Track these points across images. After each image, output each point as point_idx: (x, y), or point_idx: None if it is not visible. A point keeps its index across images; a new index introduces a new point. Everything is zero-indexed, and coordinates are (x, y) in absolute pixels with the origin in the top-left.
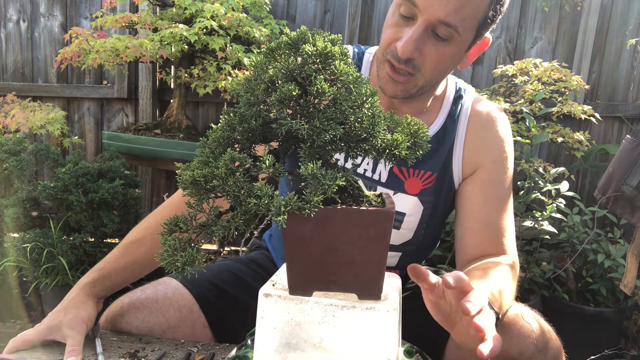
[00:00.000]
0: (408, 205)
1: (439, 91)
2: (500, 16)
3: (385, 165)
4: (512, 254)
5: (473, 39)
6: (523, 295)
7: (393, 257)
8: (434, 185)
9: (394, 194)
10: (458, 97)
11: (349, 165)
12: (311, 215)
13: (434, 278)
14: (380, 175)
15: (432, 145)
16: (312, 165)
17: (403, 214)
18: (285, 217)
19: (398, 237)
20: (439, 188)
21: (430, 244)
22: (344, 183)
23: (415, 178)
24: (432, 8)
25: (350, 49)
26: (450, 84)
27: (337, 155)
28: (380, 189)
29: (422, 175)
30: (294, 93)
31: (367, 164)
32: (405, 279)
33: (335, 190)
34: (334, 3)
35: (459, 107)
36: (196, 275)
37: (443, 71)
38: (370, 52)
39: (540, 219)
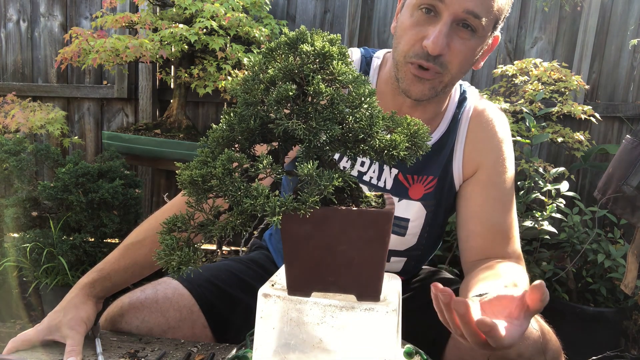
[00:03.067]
0: (412, 211)
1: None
2: (508, 12)
3: (390, 172)
4: (517, 254)
5: (490, 34)
6: None
7: (398, 263)
8: (435, 189)
9: (398, 201)
10: (462, 99)
11: (354, 172)
12: (307, 215)
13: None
14: (385, 182)
15: (436, 150)
16: (308, 166)
17: (407, 220)
18: (280, 217)
19: (403, 242)
20: (440, 191)
21: (433, 246)
22: (340, 183)
23: (419, 184)
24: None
25: (357, 52)
26: (455, 87)
27: (343, 163)
28: (379, 192)
29: (425, 180)
30: (290, 93)
31: (373, 171)
32: (409, 281)
33: (332, 190)
34: (334, 3)
35: (462, 110)
36: (192, 274)
37: (466, 68)
38: (378, 56)
39: (540, 219)
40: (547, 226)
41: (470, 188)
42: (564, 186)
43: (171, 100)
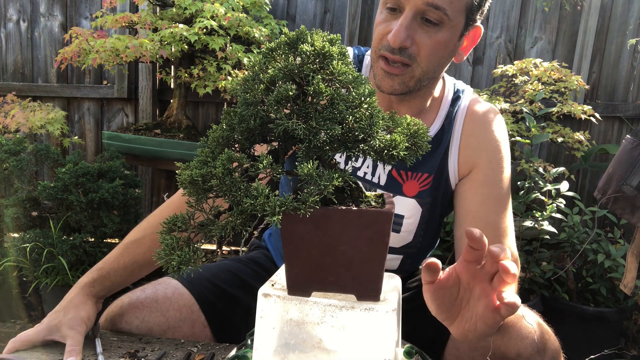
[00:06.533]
0: (406, 208)
1: (437, 93)
2: (489, 1)
3: (384, 168)
4: (512, 254)
5: (464, 25)
6: (523, 295)
7: (394, 260)
8: (430, 186)
9: (392, 197)
10: (456, 98)
11: (349, 168)
12: (307, 215)
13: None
14: (379, 178)
15: (431, 147)
16: (308, 166)
17: (402, 217)
18: (280, 217)
19: (398, 240)
20: (435, 189)
21: (430, 244)
22: (340, 183)
23: (413, 180)
24: None
25: (350, 51)
26: (448, 86)
27: (337, 158)
28: (379, 192)
29: (420, 178)
30: (290, 93)
31: (367, 166)
32: (405, 281)
33: (331, 190)
34: (334, 3)
35: (456, 108)
36: (192, 274)
37: (439, 61)
38: (370, 54)
39: (540, 219)
40: (547, 226)
41: (467, 187)
42: (564, 186)
43: (171, 100)
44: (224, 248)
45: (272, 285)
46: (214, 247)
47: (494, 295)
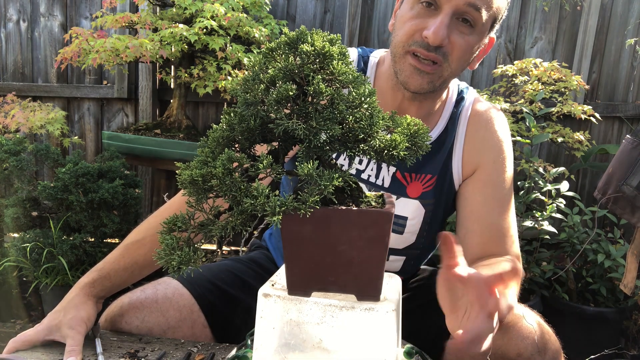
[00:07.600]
0: (410, 209)
1: (442, 95)
2: (504, 14)
3: (388, 170)
4: (515, 254)
5: (487, 33)
6: (523, 295)
7: (397, 262)
8: (434, 187)
9: (396, 199)
10: (460, 99)
11: (353, 170)
12: (307, 215)
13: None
14: (383, 180)
15: (434, 148)
16: (308, 166)
17: (405, 218)
18: (280, 217)
19: (401, 241)
20: (439, 190)
21: (432, 245)
22: (341, 183)
23: (417, 182)
24: None
25: (354, 51)
26: (452, 87)
27: (340, 161)
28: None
29: (423, 179)
30: (290, 93)
31: (371, 169)
32: (407, 281)
33: (332, 190)
34: (334, 3)
35: (460, 109)
36: (192, 274)
37: (464, 64)
38: (375, 56)
39: (540, 219)
40: (547, 226)
41: (470, 187)
42: (564, 186)
43: (171, 100)
44: (224, 248)
45: (272, 285)
46: (214, 247)
47: (488, 302)
